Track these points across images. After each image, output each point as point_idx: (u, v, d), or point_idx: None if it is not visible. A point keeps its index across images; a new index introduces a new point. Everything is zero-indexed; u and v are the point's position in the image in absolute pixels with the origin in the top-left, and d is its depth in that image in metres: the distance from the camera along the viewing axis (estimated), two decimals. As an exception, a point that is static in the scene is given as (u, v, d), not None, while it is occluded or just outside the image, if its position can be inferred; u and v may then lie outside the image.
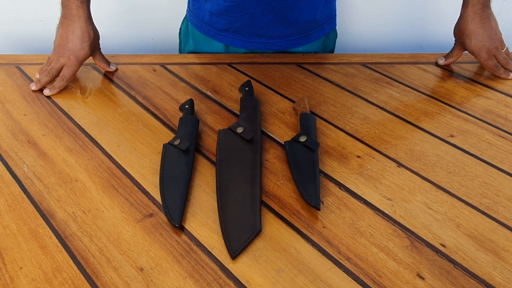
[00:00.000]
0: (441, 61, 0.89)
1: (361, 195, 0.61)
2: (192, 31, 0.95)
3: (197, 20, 0.92)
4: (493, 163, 0.66)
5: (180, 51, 1.03)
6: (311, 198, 0.58)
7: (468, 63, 0.90)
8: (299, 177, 0.61)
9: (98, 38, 0.85)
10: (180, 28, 1.01)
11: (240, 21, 0.87)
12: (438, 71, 0.88)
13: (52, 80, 0.81)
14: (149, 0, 1.18)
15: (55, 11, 1.18)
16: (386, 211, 0.59)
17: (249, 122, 0.70)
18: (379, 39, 1.25)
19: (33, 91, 0.80)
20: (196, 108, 0.76)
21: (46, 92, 0.79)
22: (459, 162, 0.66)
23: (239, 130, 0.68)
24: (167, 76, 0.85)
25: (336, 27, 0.98)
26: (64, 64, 0.80)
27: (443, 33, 1.25)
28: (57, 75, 0.80)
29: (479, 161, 0.67)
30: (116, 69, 0.86)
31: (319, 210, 0.58)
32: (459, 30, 0.85)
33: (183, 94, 0.80)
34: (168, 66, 0.88)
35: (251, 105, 0.74)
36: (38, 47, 1.25)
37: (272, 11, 0.84)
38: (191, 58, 0.91)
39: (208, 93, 0.81)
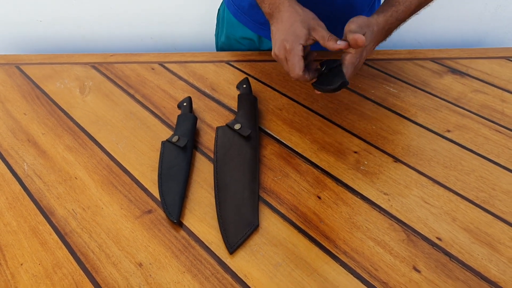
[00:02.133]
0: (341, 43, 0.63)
1: (358, 190, 0.61)
2: (228, 17, 0.92)
3: (236, 9, 0.90)
4: (490, 158, 0.67)
5: (217, 32, 1.01)
6: (337, 82, 0.58)
7: (464, 58, 0.91)
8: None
9: (312, 14, 0.66)
10: (219, 9, 0.99)
11: None
12: (435, 67, 0.88)
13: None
14: (148, 1, 1.18)
15: (55, 12, 1.19)
16: (382, 206, 0.59)
17: (247, 119, 0.71)
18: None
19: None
20: (194, 105, 0.77)
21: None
22: (456, 156, 0.67)
23: (237, 127, 0.68)
24: (165, 75, 0.86)
25: None
26: (284, 57, 0.65)
27: (440, 29, 1.25)
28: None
29: (475, 156, 0.67)
30: (347, 46, 0.62)
31: (348, 83, 0.58)
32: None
33: (181, 92, 0.81)
34: (166, 65, 0.89)
35: (248, 102, 0.74)
36: (38, 47, 1.26)
37: (315, 10, 0.80)
38: (189, 56, 0.92)
39: (206, 90, 0.81)
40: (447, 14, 1.22)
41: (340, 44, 0.62)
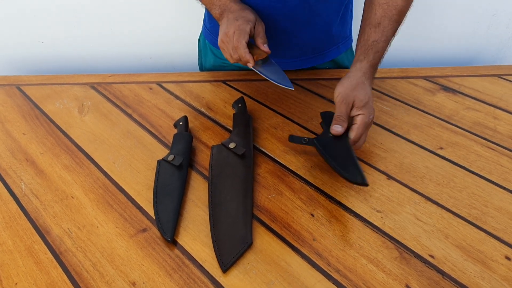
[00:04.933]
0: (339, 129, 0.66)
1: (351, 208, 0.62)
2: (210, 46, 0.96)
3: (214, 37, 0.93)
4: (482, 174, 0.67)
5: (200, 62, 1.04)
6: (357, 177, 0.59)
7: (456, 76, 0.92)
8: (337, 163, 0.62)
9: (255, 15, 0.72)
10: (199, 39, 1.03)
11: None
12: (427, 85, 0.90)
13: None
14: (146, 22, 1.21)
15: (56, 33, 1.22)
16: (375, 223, 0.59)
17: (242, 138, 0.72)
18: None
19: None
20: (190, 124, 0.78)
21: (250, 65, 0.69)
22: (448, 173, 0.67)
23: (232, 145, 0.69)
24: (163, 94, 0.87)
25: (352, 45, 0.97)
26: (234, 32, 0.68)
27: (434, 48, 1.27)
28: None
29: (467, 173, 0.68)
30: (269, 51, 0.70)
31: (368, 185, 0.59)
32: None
33: (178, 111, 0.82)
34: (164, 85, 0.90)
35: (243, 121, 0.75)
36: (39, 68, 1.28)
37: (283, 32, 0.83)
38: (186, 76, 0.93)
39: (202, 110, 0.83)
40: (441, 33, 1.25)
41: (265, 48, 0.69)
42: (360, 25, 0.74)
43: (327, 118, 0.71)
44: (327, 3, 0.81)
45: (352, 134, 0.65)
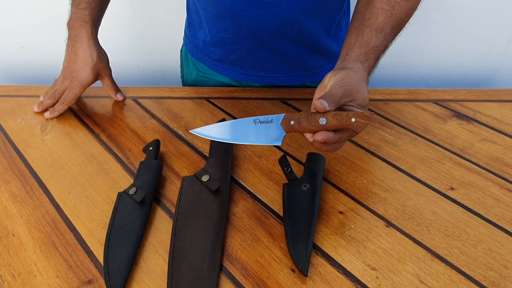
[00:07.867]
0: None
1: (340, 262, 0.51)
2: (191, 58, 0.90)
3: (192, 47, 0.87)
4: (500, 225, 0.56)
5: (182, 75, 0.98)
6: (299, 260, 0.50)
7: (471, 101, 0.81)
8: (291, 231, 0.53)
9: (105, 61, 0.78)
10: (181, 50, 0.96)
11: (235, 54, 0.80)
12: (438, 110, 0.79)
13: (55, 103, 0.77)
14: (135, 29, 1.13)
15: (38, 39, 1.14)
16: (369, 285, 0.49)
17: (218, 169, 0.62)
18: (379, 71, 1.17)
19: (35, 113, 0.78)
20: (163, 149, 0.68)
21: (47, 115, 0.76)
22: (460, 222, 0.56)
23: (205, 178, 0.59)
24: (138, 112, 0.78)
25: None
26: (67, 87, 0.76)
27: (447, 65, 1.17)
28: (60, 97, 0.76)
29: (483, 222, 0.57)
30: (124, 99, 0.81)
31: (306, 276, 0.49)
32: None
33: (152, 133, 0.73)
34: (140, 100, 0.81)
35: (221, 147, 0.65)
36: (19, 75, 1.20)
37: (269, 47, 0.78)
38: (167, 91, 0.84)
39: (179, 132, 0.73)
40: (455, 50, 1.14)
41: (119, 97, 0.80)
42: (352, 22, 0.63)
43: (313, 162, 0.62)
44: (315, 19, 0.74)
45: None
